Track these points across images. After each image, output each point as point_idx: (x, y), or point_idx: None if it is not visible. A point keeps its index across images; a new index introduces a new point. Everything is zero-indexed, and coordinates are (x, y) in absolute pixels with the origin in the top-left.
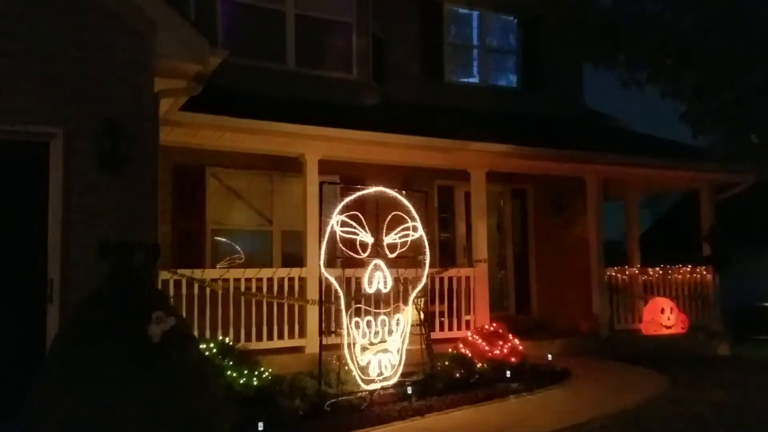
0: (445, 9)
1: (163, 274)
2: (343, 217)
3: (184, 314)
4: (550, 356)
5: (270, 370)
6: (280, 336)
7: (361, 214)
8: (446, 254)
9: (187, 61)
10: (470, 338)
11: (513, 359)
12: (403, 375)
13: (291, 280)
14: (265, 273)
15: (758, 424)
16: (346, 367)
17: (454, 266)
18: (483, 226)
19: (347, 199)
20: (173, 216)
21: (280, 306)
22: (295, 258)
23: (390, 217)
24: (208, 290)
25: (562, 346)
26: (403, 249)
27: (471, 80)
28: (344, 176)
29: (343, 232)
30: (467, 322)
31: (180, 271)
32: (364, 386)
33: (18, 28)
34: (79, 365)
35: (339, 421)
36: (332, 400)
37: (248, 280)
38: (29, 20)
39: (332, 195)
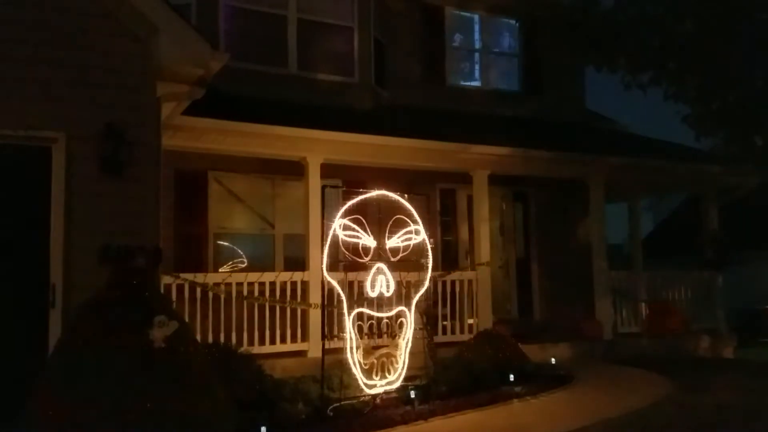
0: (447, 13)
1: (166, 278)
2: (345, 221)
3: (186, 318)
4: (553, 360)
5: (272, 374)
6: (283, 340)
7: (364, 218)
8: (449, 257)
9: (188, 65)
10: (473, 342)
11: (516, 363)
12: (406, 379)
13: (293, 283)
14: (267, 277)
15: (763, 427)
16: (349, 372)
17: (457, 269)
18: (485, 229)
19: (349, 203)
20: (175, 220)
21: (283, 310)
22: (297, 262)
23: (392, 220)
24: (210, 294)
25: (565, 349)
26: (406, 252)
27: (473, 83)
28: (346, 180)
29: (345, 235)
30: (470, 326)
31: (182, 275)
32: (367, 390)
33: (19, 32)
34: (81, 370)
35: (342, 425)
36: (335, 405)
37: (250, 284)
38: (30, 25)
39: (334, 198)
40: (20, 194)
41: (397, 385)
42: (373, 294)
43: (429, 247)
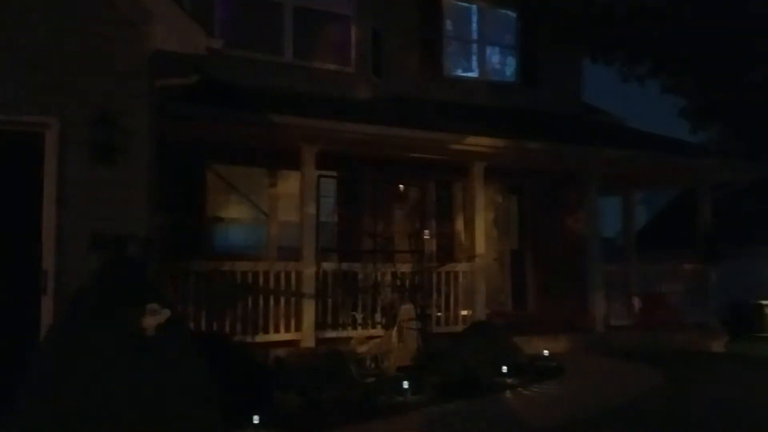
0: (444, 2)
1: (158, 266)
2: (340, 211)
3: (179, 307)
4: (546, 351)
5: (266, 363)
6: (276, 329)
7: (359, 208)
8: (444, 249)
9: (183, 52)
10: None
11: (509, 354)
12: (399, 369)
13: (287, 273)
14: (261, 266)
15: (752, 420)
16: (343, 361)
17: (452, 261)
18: (480, 221)
19: (344, 193)
20: (169, 208)
21: (276, 299)
22: (291, 251)
23: (387, 210)
24: (203, 282)
25: (558, 341)
26: (401, 243)
27: (469, 74)
28: (341, 170)
29: (340, 225)
30: (464, 317)
31: (175, 263)
32: (360, 380)
33: (13, 18)
34: (73, 357)
35: (334, 414)
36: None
37: (244, 272)
38: (24, 10)
39: (329, 188)
40: (13, 180)
41: (391, 374)
42: (367, 284)
43: (424, 238)
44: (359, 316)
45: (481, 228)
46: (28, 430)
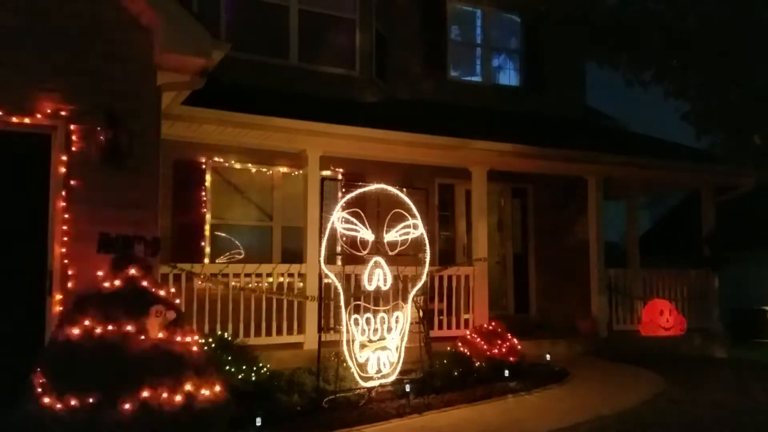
0: (449, 6)
1: (163, 268)
2: (343, 214)
3: (183, 308)
4: (548, 356)
5: (268, 365)
6: (279, 332)
7: (362, 211)
8: (446, 252)
9: (190, 55)
10: (469, 337)
11: (511, 358)
12: (401, 373)
13: (291, 275)
14: (264, 268)
15: (755, 425)
16: (345, 364)
17: (454, 265)
18: (483, 224)
19: (348, 196)
20: (173, 210)
21: (279, 302)
22: (295, 254)
23: (391, 214)
24: (207, 285)
25: (561, 345)
26: (404, 247)
27: (473, 78)
28: (345, 173)
29: (343, 228)
30: (466, 321)
31: (180, 265)
32: (362, 383)
33: (20, 19)
34: (78, 358)
35: (336, 417)
36: (330, 397)
37: (248, 275)
38: (32, 12)
39: (333, 191)
40: (19, 181)
41: (393, 378)
42: (370, 287)
43: (427, 241)
44: (362, 319)
45: (484, 231)
46: (29, 429)
